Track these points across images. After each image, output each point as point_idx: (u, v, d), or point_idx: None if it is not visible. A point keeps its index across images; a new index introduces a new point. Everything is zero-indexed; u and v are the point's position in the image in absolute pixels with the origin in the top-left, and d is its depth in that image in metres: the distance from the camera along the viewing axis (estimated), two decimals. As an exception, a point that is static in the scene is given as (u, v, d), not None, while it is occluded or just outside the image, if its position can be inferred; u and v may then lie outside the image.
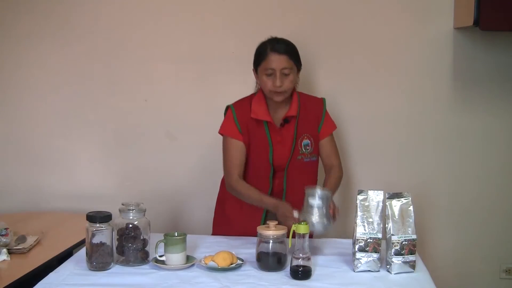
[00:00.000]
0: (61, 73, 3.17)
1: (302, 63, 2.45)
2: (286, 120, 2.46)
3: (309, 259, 2.02)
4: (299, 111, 2.48)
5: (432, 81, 3.10)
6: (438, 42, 3.06)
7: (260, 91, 2.49)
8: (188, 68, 3.13)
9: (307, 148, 2.49)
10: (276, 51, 2.37)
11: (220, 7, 3.09)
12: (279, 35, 2.50)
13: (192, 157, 3.19)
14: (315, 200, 2.10)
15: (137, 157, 3.21)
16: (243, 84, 2.69)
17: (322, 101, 2.56)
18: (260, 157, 2.47)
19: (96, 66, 3.16)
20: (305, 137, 2.49)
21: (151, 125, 3.19)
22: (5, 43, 3.16)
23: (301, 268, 2.01)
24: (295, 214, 2.17)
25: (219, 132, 2.51)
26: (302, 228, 2.02)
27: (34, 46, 3.15)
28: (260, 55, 2.41)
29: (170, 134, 3.19)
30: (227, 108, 2.52)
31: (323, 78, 3.09)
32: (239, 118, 2.46)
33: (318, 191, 2.13)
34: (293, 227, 2.05)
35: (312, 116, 2.51)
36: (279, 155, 2.47)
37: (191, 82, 3.15)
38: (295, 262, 2.02)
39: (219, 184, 2.70)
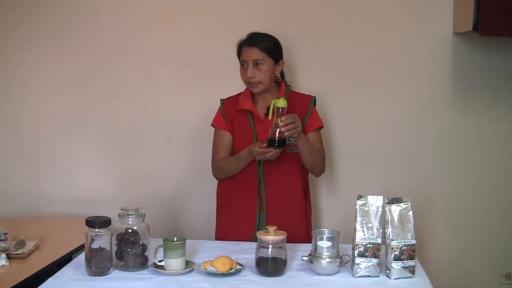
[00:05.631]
0: (61, 77, 3.17)
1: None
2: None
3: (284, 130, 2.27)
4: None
5: (431, 85, 3.10)
6: (438, 47, 3.06)
7: None
8: (188, 72, 3.13)
9: (291, 140, 2.48)
10: (247, 44, 2.52)
11: (220, 11, 3.09)
12: (279, 38, 2.52)
13: (191, 162, 3.18)
14: (324, 242, 2.08)
15: (136, 161, 3.21)
16: (243, 88, 2.69)
17: (311, 98, 2.62)
18: (245, 146, 2.48)
19: (96, 70, 3.16)
20: None
21: (151, 130, 3.19)
22: (6, 46, 3.16)
23: (277, 137, 2.29)
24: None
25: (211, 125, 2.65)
26: (280, 102, 2.27)
27: (34, 50, 3.16)
28: (238, 49, 2.58)
29: (169, 138, 3.18)
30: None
31: (322, 81, 3.09)
32: (225, 109, 2.62)
33: (326, 232, 2.13)
34: (273, 102, 2.30)
35: (298, 110, 2.48)
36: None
37: (191, 86, 3.15)
38: (272, 134, 2.29)
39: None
